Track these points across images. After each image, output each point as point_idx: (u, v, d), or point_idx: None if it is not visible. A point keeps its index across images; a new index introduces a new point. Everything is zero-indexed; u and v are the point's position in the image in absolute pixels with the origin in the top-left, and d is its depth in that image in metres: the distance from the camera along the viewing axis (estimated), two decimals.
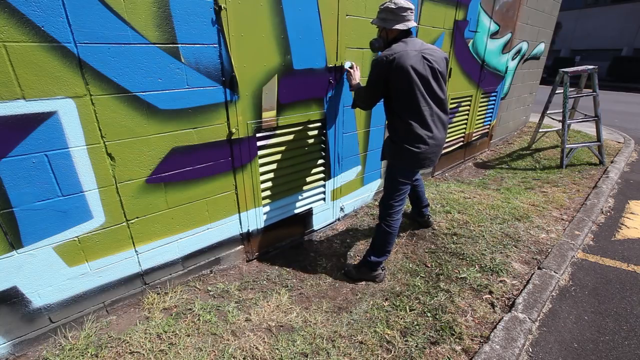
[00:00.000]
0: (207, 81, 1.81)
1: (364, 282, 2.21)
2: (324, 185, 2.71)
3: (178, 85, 1.72)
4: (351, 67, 2.38)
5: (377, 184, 3.33)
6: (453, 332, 1.76)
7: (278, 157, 2.31)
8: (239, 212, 2.23)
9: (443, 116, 1.95)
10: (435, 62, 1.86)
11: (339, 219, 3.01)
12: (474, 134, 4.62)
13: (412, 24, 1.88)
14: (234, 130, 2.00)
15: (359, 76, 2.35)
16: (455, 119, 4.07)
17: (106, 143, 1.59)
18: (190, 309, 1.91)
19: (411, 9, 1.86)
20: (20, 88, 1.32)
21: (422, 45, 1.88)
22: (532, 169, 4.40)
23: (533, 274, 2.23)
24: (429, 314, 1.89)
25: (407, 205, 2.85)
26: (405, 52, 1.78)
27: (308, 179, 2.57)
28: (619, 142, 5.59)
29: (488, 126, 4.94)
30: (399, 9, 1.83)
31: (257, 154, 2.17)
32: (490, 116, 4.86)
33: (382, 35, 2.00)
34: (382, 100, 2.03)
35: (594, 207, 3.16)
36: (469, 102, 4.19)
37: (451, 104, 3.86)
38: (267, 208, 2.38)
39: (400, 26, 1.85)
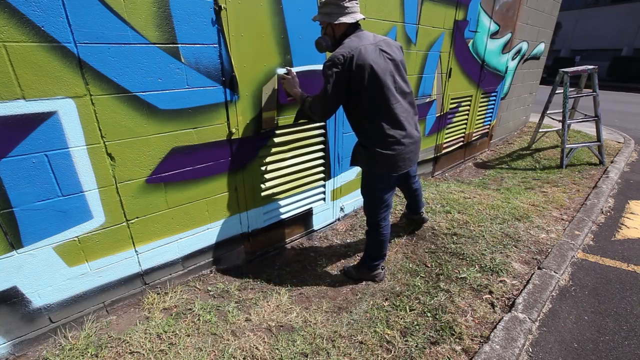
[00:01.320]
0: (207, 81, 1.81)
1: (364, 282, 2.21)
2: (324, 185, 2.71)
3: (178, 85, 1.72)
4: (287, 74, 2.02)
5: None
6: (453, 332, 1.76)
7: (278, 157, 2.31)
8: (239, 212, 2.23)
9: (413, 111, 1.81)
10: (394, 54, 1.72)
11: (339, 219, 3.01)
12: (474, 134, 4.62)
13: (359, 15, 1.70)
14: (234, 130, 2.00)
15: (297, 83, 2.01)
16: (455, 119, 4.08)
17: (106, 143, 1.59)
18: (190, 309, 1.91)
19: (356, 0, 1.68)
20: (20, 88, 1.32)
21: (375, 38, 1.71)
22: (532, 169, 4.40)
23: (533, 274, 2.23)
24: (429, 314, 1.89)
25: (399, 207, 2.86)
26: (362, 47, 1.62)
27: (308, 179, 2.57)
28: (619, 142, 5.59)
29: (488, 126, 4.94)
30: (342, 0, 1.63)
31: (257, 154, 2.17)
32: (490, 116, 4.87)
33: (328, 33, 1.77)
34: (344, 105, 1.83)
35: (594, 207, 3.16)
36: (469, 102, 4.19)
37: (451, 104, 3.87)
38: (267, 208, 2.38)
39: (346, 19, 1.65)
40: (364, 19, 1.74)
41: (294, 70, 2.10)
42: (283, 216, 2.51)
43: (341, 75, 1.64)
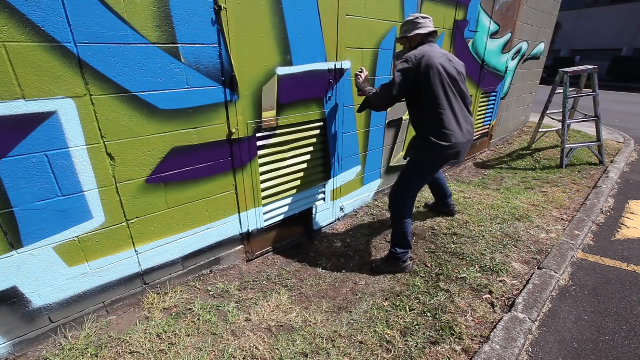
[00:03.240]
0: (207, 81, 1.81)
1: (364, 282, 2.21)
2: (324, 185, 2.71)
3: (178, 85, 1.72)
4: (361, 71, 2.31)
5: (377, 184, 3.33)
6: (453, 332, 1.76)
7: (278, 157, 2.31)
8: (239, 212, 2.23)
9: (469, 113, 2.08)
10: (460, 67, 2.05)
11: (339, 219, 3.01)
12: (474, 134, 4.61)
13: (431, 28, 2.04)
14: (234, 130, 2.00)
15: (368, 79, 2.31)
16: None
17: (106, 143, 1.59)
18: (190, 309, 1.91)
19: (429, 18, 2.05)
20: (20, 88, 1.32)
21: (445, 52, 2.05)
22: (532, 169, 4.40)
23: (533, 274, 2.23)
24: (429, 314, 1.89)
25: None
26: (432, 52, 1.93)
27: (308, 179, 2.57)
28: (619, 142, 5.59)
29: (488, 126, 4.94)
30: (417, 19, 2.04)
31: (257, 154, 2.17)
32: (490, 116, 4.87)
33: (406, 47, 2.16)
34: (408, 99, 2.10)
35: (594, 207, 3.16)
36: None
37: None
38: (267, 208, 2.38)
39: (420, 31, 2.02)
40: (435, 31, 2.05)
41: (294, 70, 2.13)
42: (283, 216, 2.51)
43: (409, 71, 1.92)
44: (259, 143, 2.17)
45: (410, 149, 2.20)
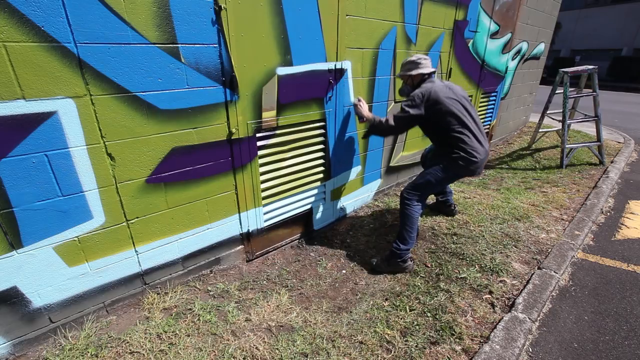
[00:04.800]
0: (207, 81, 1.81)
1: (364, 282, 2.21)
2: (324, 185, 2.71)
3: (178, 85, 1.72)
4: (359, 101, 2.49)
5: (377, 184, 3.33)
6: (453, 332, 1.76)
7: (278, 157, 2.31)
8: (239, 212, 2.23)
9: (483, 133, 2.22)
10: (460, 90, 2.21)
11: (338, 219, 3.01)
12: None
13: (431, 69, 2.25)
14: (234, 130, 2.00)
15: (367, 107, 2.48)
16: None
17: (106, 143, 1.59)
18: (190, 309, 1.91)
19: (428, 59, 2.26)
20: (20, 88, 1.32)
21: (445, 82, 2.24)
22: (532, 169, 4.40)
23: (533, 274, 2.23)
24: (429, 314, 1.89)
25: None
26: (435, 86, 2.14)
27: (308, 179, 2.57)
28: (619, 142, 5.59)
29: (488, 126, 4.94)
30: (418, 59, 2.24)
31: (257, 154, 2.17)
32: (490, 116, 4.87)
33: (408, 83, 2.35)
34: (426, 127, 2.31)
35: (594, 207, 3.16)
36: None
37: None
38: (267, 208, 2.38)
39: (422, 70, 2.23)
40: (434, 71, 2.27)
41: (294, 70, 2.14)
42: (283, 216, 2.51)
43: (418, 106, 2.13)
44: (259, 143, 2.17)
45: (437, 158, 2.35)
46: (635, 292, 2.15)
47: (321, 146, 2.56)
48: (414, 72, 2.25)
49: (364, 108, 2.45)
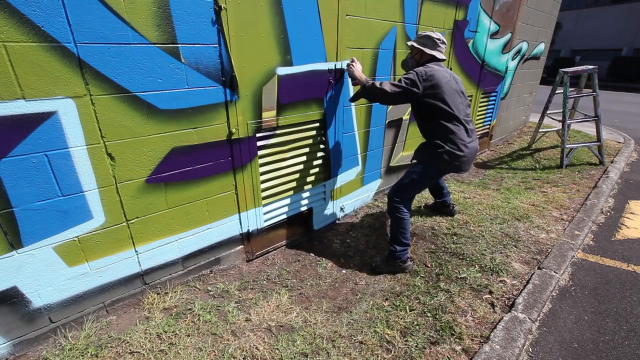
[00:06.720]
0: (207, 81, 1.81)
1: (364, 282, 2.21)
2: (324, 185, 2.71)
3: (178, 85, 1.72)
4: (352, 61, 2.36)
5: (377, 184, 3.33)
6: (453, 332, 1.76)
7: (278, 157, 2.31)
8: (239, 212, 2.23)
9: (473, 128, 2.19)
10: (461, 84, 2.17)
11: (338, 219, 3.01)
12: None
13: (443, 56, 2.15)
14: (234, 130, 2.00)
15: (360, 68, 2.35)
16: None
17: (106, 143, 1.59)
18: (190, 309, 1.91)
19: (445, 44, 2.17)
20: (20, 88, 1.32)
21: (452, 73, 2.18)
22: (532, 169, 4.40)
23: (533, 274, 2.23)
24: (429, 314, 1.89)
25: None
26: (441, 70, 2.07)
27: (308, 179, 2.57)
28: (619, 142, 5.59)
29: (488, 126, 4.94)
30: (438, 40, 2.13)
31: (257, 154, 2.17)
32: (490, 116, 4.87)
33: (415, 57, 2.22)
34: (418, 110, 2.21)
35: (594, 207, 3.16)
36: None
37: None
38: (267, 208, 2.38)
39: (436, 54, 2.12)
40: (444, 59, 2.18)
41: (294, 70, 2.13)
42: (283, 216, 2.51)
43: (417, 83, 2.02)
44: (259, 143, 2.17)
45: (420, 154, 2.28)
46: (635, 292, 2.15)
47: (321, 146, 2.56)
48: (427, 50, 2.12)
49: (357, 69, 2.31)
